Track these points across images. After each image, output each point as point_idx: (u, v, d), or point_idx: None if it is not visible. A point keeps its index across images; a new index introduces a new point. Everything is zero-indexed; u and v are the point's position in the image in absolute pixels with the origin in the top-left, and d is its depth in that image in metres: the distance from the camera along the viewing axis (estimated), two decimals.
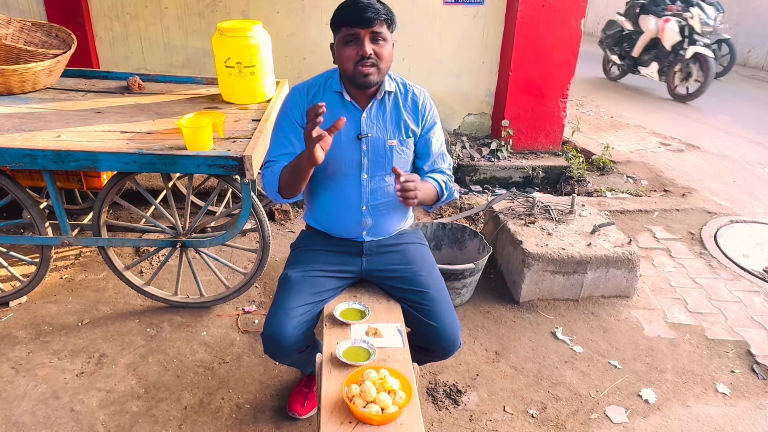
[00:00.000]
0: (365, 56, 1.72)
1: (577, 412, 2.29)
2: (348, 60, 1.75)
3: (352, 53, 1.74)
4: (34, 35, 3.02)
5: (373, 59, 1.74)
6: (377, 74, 1.77)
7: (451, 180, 2.08)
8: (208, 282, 2.97)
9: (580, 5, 4.33)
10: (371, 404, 1.47)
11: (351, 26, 1.71)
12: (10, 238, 2.65)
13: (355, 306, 1.90)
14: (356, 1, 1.71)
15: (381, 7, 1.73)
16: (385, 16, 1.73)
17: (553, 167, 4.64)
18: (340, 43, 1.76)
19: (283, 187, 1.83)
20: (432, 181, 1.98)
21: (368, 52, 1.72)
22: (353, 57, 1.74)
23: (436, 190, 1.98)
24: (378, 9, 1.71)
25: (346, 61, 1.76)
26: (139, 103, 2.83)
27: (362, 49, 1.72)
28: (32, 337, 2.58)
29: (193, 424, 2.15)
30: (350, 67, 1.76)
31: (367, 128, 1.88)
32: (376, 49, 1.74)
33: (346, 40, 1.74)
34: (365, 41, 1.72)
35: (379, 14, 1.71)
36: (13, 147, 2.22)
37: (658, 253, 3.49)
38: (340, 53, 1.77)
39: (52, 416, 2.16)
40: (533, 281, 2.91)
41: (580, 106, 6.93)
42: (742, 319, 2.88)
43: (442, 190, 2.00)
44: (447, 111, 4.84)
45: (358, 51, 1.73)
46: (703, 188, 4.52)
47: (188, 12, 4.28)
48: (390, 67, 1.84)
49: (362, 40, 1.72)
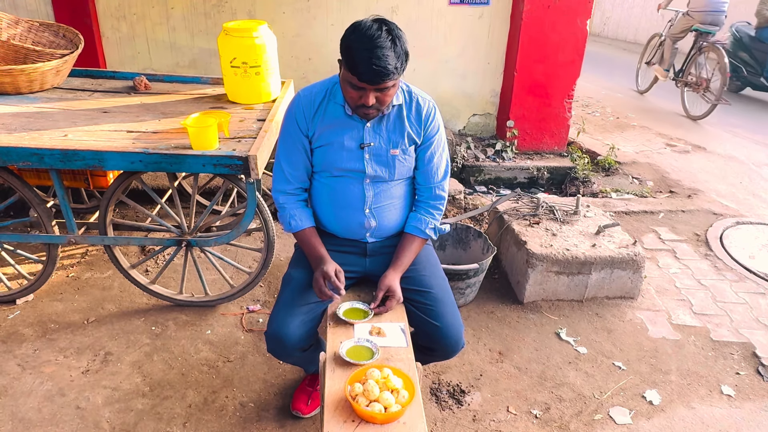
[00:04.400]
0: (366, 105, 1.70)
1: (581, 412, 2.29)
2: (350, 100, 1.74)
3: (355, 96, 1.71)
4: (42, 35, 3.04)
5: (376, 106, 1.72)
6: (377, 113, 1.78)
7: (443, 203, 2.03)
8: (213, 281, 2.99)
9: (586, 6, 4.32)
10: (374, 403, 1.48)
11: (359, 80, 1.64)
12: (18, 237, 2.68)
13: (359, 306, 1.90)
14: (370, 59, 1.59)
15: (393, 65, 1.61)
16: (394, 75, 1.64)
17: (558, 168, 4.63)
18: (346, 80, 1.69)
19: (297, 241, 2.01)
20: (419, 234, 1.98)
21: (371, 103, 1.69)
22: (356, 100, 1.72)
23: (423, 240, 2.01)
24: (390, 71, 1.61)
25: (349, 99, 1.75)
26: (145, 103, 2.84)
27: (365, 99, 1.69)
28: (39, 334, 2.60)
29: (197, 422, 2.16)
30: (351, 105, 1.77)
31: (370, 138, 1.87)
32: (379, 97, 1.70)
33: (351, 84, 1.68)
34: (370, 95, 1.68)
35: (390, 77, 1.63)
36: (21, 146, 2.24)
37: (663, 254, 3.48)
38: (344, 87, 1.74)
39: (58, 413, 2.18)
40: (537, 282, 2.90)
41: (585, 107, 6.91)
42: (748, 321, 2.87)
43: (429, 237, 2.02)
44: (452, 111, 4.84)
45: (361, 98, 1.70)
46: (709, 189, 4.50)
47: (194, 12, 4.30)
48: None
49: (368, 93, 1.68)
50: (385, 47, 1.60)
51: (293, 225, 1.95)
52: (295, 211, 1.95)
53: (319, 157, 1.91)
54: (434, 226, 2.01)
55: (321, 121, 1.87)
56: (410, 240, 1.98)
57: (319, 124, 1.87)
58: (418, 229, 1.99)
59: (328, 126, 1.86)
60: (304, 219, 1.96)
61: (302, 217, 1.95)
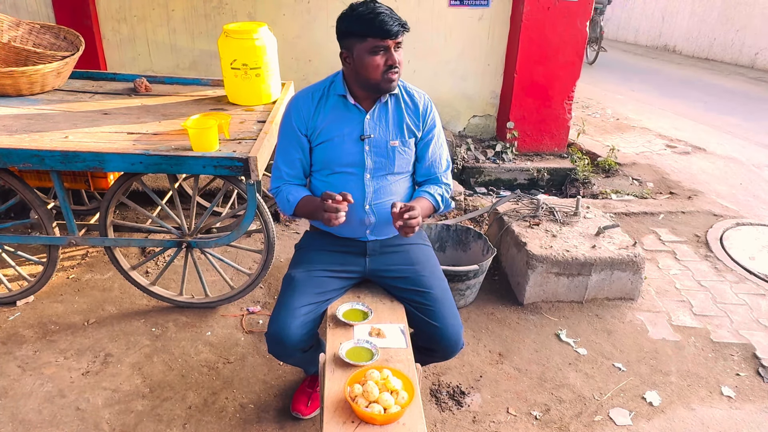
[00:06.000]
0: (394, 65, 1.77)
1: (581, 414, 2.28)
2: (376, 69, 1.77)
3: (381, 62, 1.76)
4: (43, 37, 3.05)
5: (398, 67, 1.79)
6: (398, 80, 1.84)
7: (449, 189, 2.08)
8: (213, 282, 2.99)
9: (586, 7, 4.32)
10: (374, 404, 1.48)
11: (380, 38, 1.73)
12: (18, 238, 2.68)
13: (358, 307, 1.90)
14: (378, 13, 1.72)
15: (399, 17, 1.76)
16: (406, 27, 1.77)
17: (558, 169, 4.63)
18: (366, 52, 1.75)
19: (299, 216, 1.98)
20: (427, 196, 1.99)
21: (399, 60, 1.78)
22: (382, 66, 1.77)
23: (432, 205, 2.00)
24: (401, 20, 1.75)
25: (373, 71, 1.78)
26: (145, 105, 2.85)
27: (392, 59, 1.76)
28: (39, 336, 2.60)
29: (197, 424, 2.16)
30: (378, 76, 1.79)
31: (369, 129, 1.90)
32: (398, 58, 1.79)
33: (374, 51, 1.75)
34: (393, 51, 1.76)
35: (404, 26, 1.75)
36: (22, 147, 2.24)
37: (663, 255, 3.48)
38: (366, 62, 1.77)
39: (58, 414, 2.18)
40: (537, 283, 2.90)
41: (585, 108, 6.91)
42: (748, 322, 2.87)
43: (438, 203, 2.01)
44: (452, 113, 4.85)
45: (388, 60, 1.76)
46: (709, 191, 4.50)
47: (195, 14, 4.31)
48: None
49: (390, 51, 1.76)
50: (386, 8, 1.76)
51: (291, 200, 1.94)
52: (290, 188, 1.97)
53: (320, 154, 1.93)
54: (441, 193, 2.02)
55: (322, 116, 1.90)
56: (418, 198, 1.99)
57: (321, 121, 1.90)
58: (425, 191, 2.01)
59: (329, 120, 1.90)
60: (300, 191, 1.97)
61: (298, 191, 1.97)
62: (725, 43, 10.83)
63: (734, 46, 10.65)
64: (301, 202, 1.94)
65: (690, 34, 11.68)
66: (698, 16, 11.45)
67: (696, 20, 11.50)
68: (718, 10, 10.97)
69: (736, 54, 10.61)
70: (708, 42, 11.24)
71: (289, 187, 1.97)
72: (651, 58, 11.42)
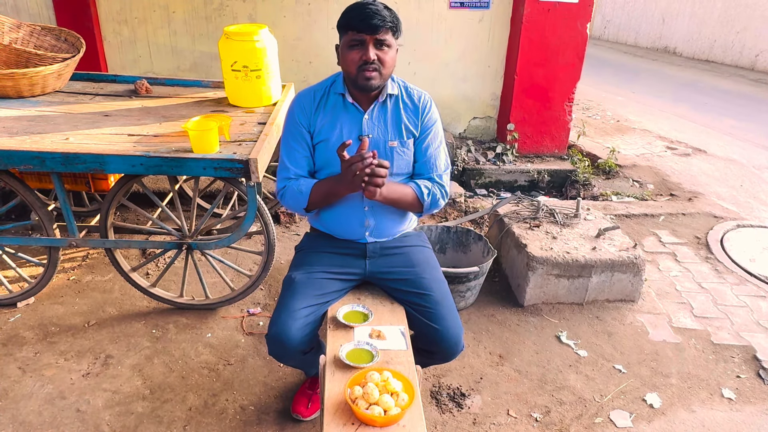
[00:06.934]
0: (368, 61, 1.76)
1: (581, 416, 2.28)
2: (352, 63, 1.79)
3: (356, 57, 1.78)
4: (44, 39, 3.06)
5: (376, 65, 1.78)
6: (379, 79, 1.81)
7: (443, 189, 2.00)
8: (214, 284, 2.99)
9: (586, 9, 4.33)
10: (374, 406, 1.48)
11: (357, 31, 1.75)
12: (19, 240, 2.68)
13: (359, 309, 1.90)
14: (364, 6, 1.75)
15: (387, 15, 1.76)
16: (390, 24, 1.76)
17: (559, 171, 4.63)
18: (345, 46, 1.80)
19: (312, 205, 1.93)
20: (413, 185, 1.95)
21: (372, 57, 1.76)
22: (357, 61, 1.78)
23: (415, 194, 1.94)
24: (384, 16, 1.74)
25: (350, 65, 1.80)
26: (146, 107, 2.85)
27: (366, 55, 1.76)
28: (39, 337, 2.60)
29: (197, 425, 2.16)
30: (353, 71, 1.80)
31: (368, 129, 1.91)
32: (379, 55, 1.78)
33: (351, 44, 1.78)
34: (369, 47, 1.76)
35: (385, 22, 1.74)
36: (23, 149, 2.24)
37: (663, 257, 3.48)
38: (344, 56, 1.81)
39: (59, 416, 2.18)
40: (538, 285, 2.90)
41: (586, 110, 6.92)
42: (749, 324, 2.87)
43: (423, 197, 1.93)
44: (452, 115, 4.85)
45: (362, 56, 1.77)
46: (710, 192, 4.50)
47: (195, 16, 4.31)
48: (393, 72, 1.88)
49: (367, 46, 1.76)
50: (377, 4, 1.77)
51: (303, 190, 1.90)
52: (298, 182, 1.93)
53: (319, 154, 1.94)
54: (430, 188, 1.96)
55: (322, 115, 1.92)
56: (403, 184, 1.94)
57: (320, 118, 1.92)
58: (413, 182, 1.96)
59: (329, 119, 1.91)
60: (309, 180, 1.93)
61: (307, 181, 1.92)
62: (726, 44, 10.84)
63: (734, 48, 10.66)
64: (314, 188, 1.90)
65: (690, 36, 11.69)
66: (698, 17, 11.45)
67: (696, 22, 11.51)
68: (719, 11, 10.98)
69: (737, 56, 10.62)
70: (708, 44, 11.25)
71: (297, 182, 1.94)
72: (651, 60, 11.43)
